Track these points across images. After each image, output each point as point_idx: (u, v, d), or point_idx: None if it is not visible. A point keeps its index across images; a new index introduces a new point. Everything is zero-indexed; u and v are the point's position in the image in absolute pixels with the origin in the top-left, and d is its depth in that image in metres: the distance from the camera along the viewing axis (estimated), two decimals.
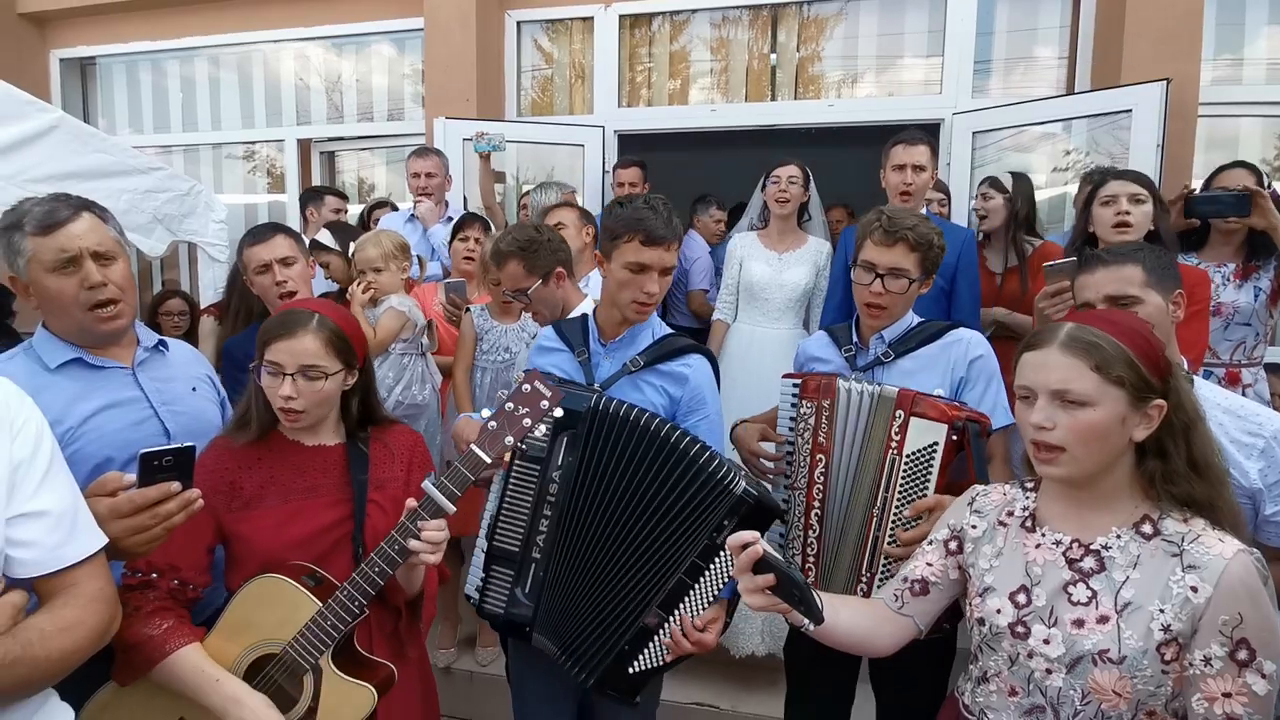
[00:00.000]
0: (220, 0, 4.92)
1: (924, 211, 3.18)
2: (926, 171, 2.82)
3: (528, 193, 4.06)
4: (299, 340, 1.42)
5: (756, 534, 1.16)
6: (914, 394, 1.62)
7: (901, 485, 1.62)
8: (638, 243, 1.60)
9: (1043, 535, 1.21)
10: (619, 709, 1.71)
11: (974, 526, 1.30)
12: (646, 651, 1.55)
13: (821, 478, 1.69)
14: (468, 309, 2.82)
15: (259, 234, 2.22)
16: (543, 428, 1.46)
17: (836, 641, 1.31)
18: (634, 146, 4.51)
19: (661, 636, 1.54)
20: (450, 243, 3.18)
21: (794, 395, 1.77)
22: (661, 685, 1.81)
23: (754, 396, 1.85)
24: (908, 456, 1.62)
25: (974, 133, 3.74)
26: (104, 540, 1.09)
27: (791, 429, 1.76)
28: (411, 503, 1.36)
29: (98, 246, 1.53)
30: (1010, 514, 1.28)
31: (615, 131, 4.46)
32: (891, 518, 1.63)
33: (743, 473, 1.52)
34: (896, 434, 1.62)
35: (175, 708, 1.37)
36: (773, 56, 4.39)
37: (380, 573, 1.34)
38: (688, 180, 4.83)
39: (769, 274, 3.13)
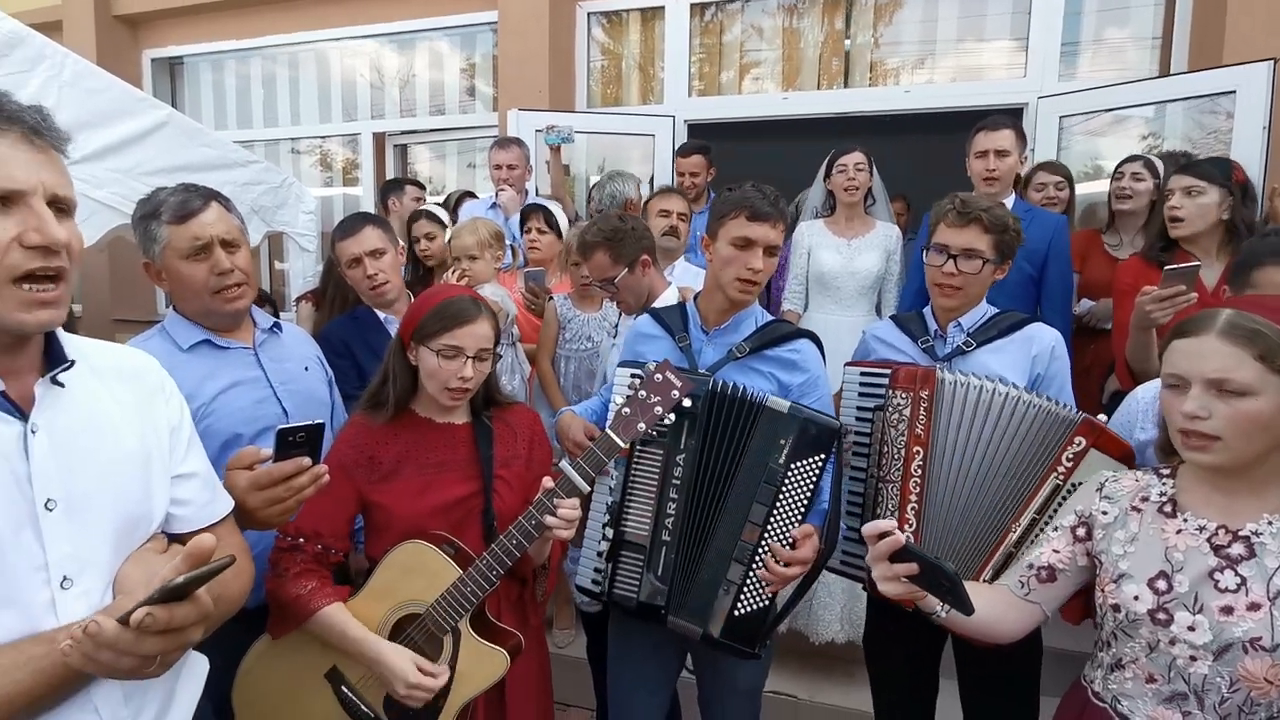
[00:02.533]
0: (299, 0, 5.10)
1: (1038, 198, 3.10)
2: (1011, 156, 2.78)
3: (598, 183, 4.10)
4: (479, 326, 1.52)
5: (893, 523, 1.17)
6: (1101, 425, 1.52)
7: (1055, 511, 1.54)
8: (743, 218, 1.64)
9: (1184, 521, 1.19)
10: (727, 693, 1.74)
11: (1104, 513, 1.28)
12: (747, 589, 1.58)
13: (919, 470, 1.64)
14: (550, 297, 2.87)
15: (348, 227, 2.27)
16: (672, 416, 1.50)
17: (963, 627, 1.30)
18: (704, 136, 4.50)
19: (755, 569, 1.57)
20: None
21: (862, 384, 1.75)
22: (769, 668, 1.83)
23: (832, 385, 1.84)
24: (1073, 487, 1.52)
25: (1060, 117, 3.62)
26: (233, 502, 1.18)
27: (861, 419, 1.74)
28: (548, 482, 1.43)
29: (226, 234, 1.62)
30: (1145, 499, 1.25)
31: (685, 121, 4.46)
32: (1033, 539, 1.56)
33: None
34: (1069, 460, 1.52)
35: (327, 657, 1.48)
36: (846, 42, 4.33)
37: (518, 545, 1.42)
38: (759, 170, 4.80)
39: (839, 262, 3.11)
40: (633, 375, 1.63)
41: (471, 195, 4.19)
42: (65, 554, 0.90)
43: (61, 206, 0.90)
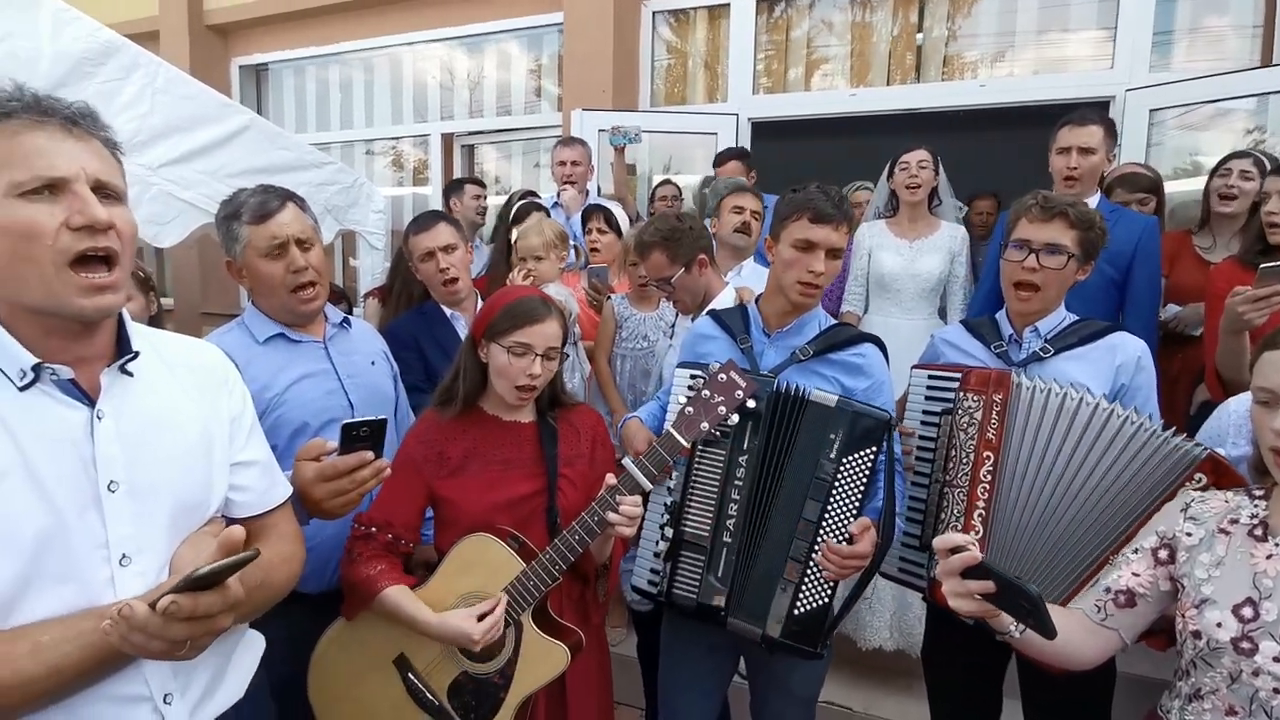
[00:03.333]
0: (372, 6, 5.28)
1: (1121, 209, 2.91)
2: (1096, 154, 2.61)
3: (662, 183, 4.09)
4: (547, 325, 1.56)
5: (967, 537, 1.11)
6: (1225, 462, 1.42)
7: None
8: (806, 220, 1.62)
9: (1276, 545, 1.12)
10: (780, 699, 1.72)
11: (1189, 534, 1.21)
12: (805, 587, 1.57)
13: (988, 476, 1.58)
14: (609, 296, 2.89)
15: (423, 223, 2.33)
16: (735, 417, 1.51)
17: (1036, 651, 1.24)
18: (770, 134, 4.45)
19: (813, 567, 1.56)
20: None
21: (930, 388, 1.71)
22: (824, 676, 1.80)
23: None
24: None
25: (1150, 110, 3.42)
26: (291, 489, 1.22)
27: (927, 423, 1.70)
28: (611, 479, 1.45)
29: (300, 234, 1.69)
30: (1234, 522, 1.18)
31: (749, 119, 4.42)
32: None
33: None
34: None
35: (396, 644, 1.55)
36: (919, 36, 4.20)
37: (580, 540, 1.45)
38: (826, 170, 4.70)
39: (900, 264, 3.03)
40: (693, 376, 1.63)
41: (533, 194, 4.25)
42: (126, 534, 0.95)
43: (108, 192, 0.94)
